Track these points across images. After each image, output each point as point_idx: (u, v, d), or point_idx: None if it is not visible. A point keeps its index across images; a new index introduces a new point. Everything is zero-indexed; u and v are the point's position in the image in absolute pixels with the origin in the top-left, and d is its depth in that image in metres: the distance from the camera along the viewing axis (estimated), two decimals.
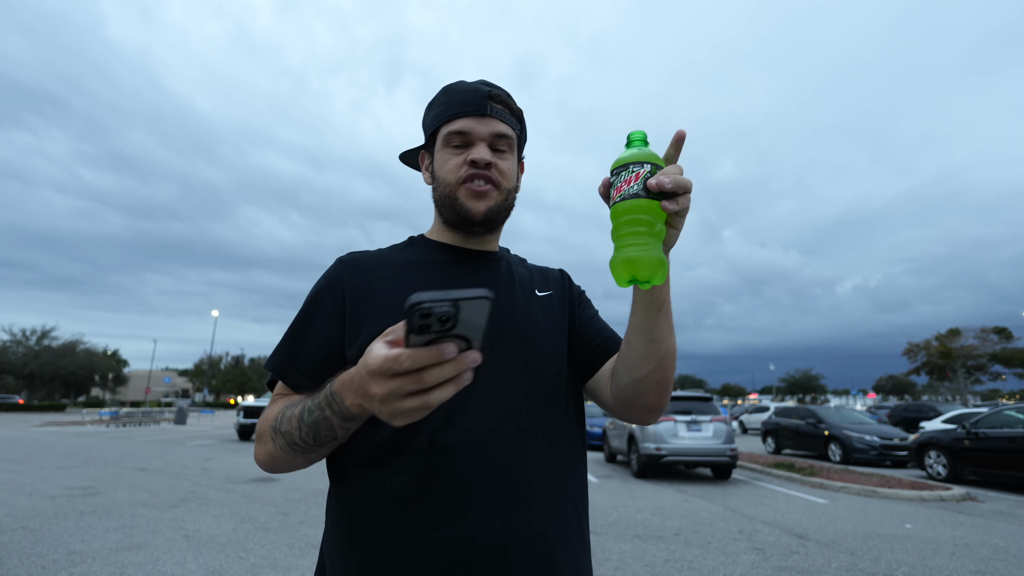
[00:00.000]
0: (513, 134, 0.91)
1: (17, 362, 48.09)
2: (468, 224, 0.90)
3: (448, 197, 0.89)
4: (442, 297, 0.49)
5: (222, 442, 16.01)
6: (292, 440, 0.73)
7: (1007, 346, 37.87)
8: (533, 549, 0.76)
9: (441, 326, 0.51)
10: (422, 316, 0.49)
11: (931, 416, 17.81)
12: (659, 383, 0.80)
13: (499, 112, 0.89)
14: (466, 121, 0.87)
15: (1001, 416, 9.33)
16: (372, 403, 0.57)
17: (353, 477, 0.80)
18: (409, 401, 0.54)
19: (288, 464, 0.78)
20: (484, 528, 0.74)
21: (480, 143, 0.87)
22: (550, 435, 0.84)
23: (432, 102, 0.94)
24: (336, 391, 0.66)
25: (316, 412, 0.70)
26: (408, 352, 0.51)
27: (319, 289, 0.89)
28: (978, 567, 4.52)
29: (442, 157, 0.89)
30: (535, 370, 0.85)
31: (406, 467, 0.76)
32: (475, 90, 0.89)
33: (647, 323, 0.76)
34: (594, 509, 6.68)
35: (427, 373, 0.52)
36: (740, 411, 32.33)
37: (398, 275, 0.89)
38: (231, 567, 4.23)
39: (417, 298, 0.48)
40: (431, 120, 0.93)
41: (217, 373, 64.47)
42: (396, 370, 0.52)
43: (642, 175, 0.62)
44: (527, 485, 0.78)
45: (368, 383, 0.56)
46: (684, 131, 0.69)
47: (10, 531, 5.13)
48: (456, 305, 0.50)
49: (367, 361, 0.55)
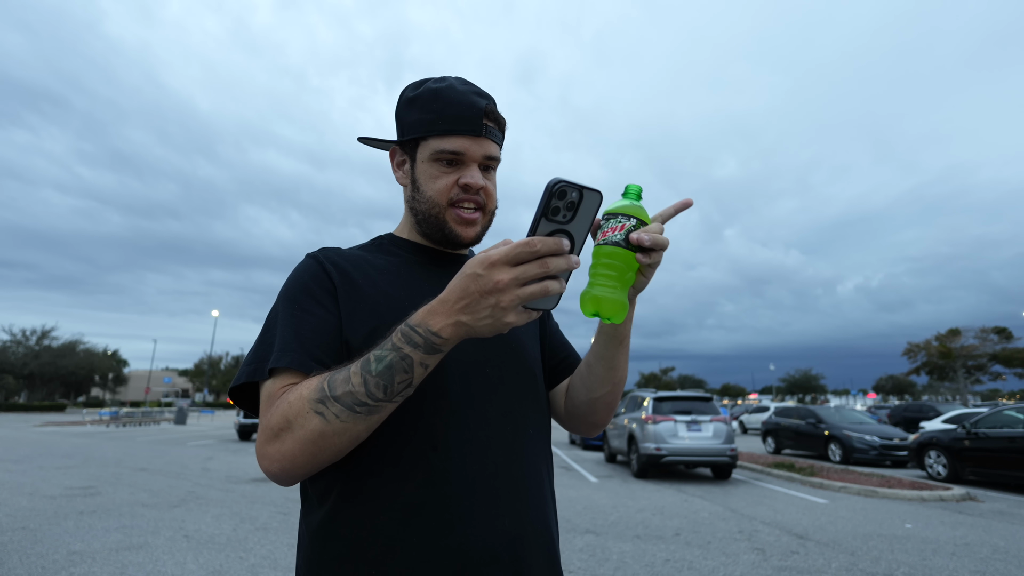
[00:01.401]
0: (499, 155, 0.89)
1: (17, 362, 48.10)
2: (453, 245, 0.90)
3: (435, 218, 0.87)
4: (574, 182, 0.58)
5: (222, 442, 16.02)
6: (356, 400, 0.65)
7: (1007, 346, 37.86)
8: (539, 544, 0.80)
9: (565, 214, 0.60)
10: (559, 196, 0.59)
11: (931, 416, 17.83)
12: (609, 404, 0.92)
13: (492, 132, 0.86)
14: (461, 141, 0.83)
15: (1001, 416, 9.33)
16: (484, 303, 0.61)
17: (350, 493, 0.76)
18: (531, 287, 0.60)
19: (344, 439, 0.67)
20: (494, 529, 0.75)
21: (472, 164, 0.85)
22: (538, 433, 0.88)
23: (417, 100, 0.87)
24: (418, 322, 0.64)
25: (389, 355, 0.65)
26: (539, 238, 0.59)
27: (304, 282, 0.82)
28: (978, 567, 4.52)
29: (429, 172, 0.86)
30: (523, 369, 0.89)
31: (410, 474, 0.74)
32: (471, 105, 0.84)
33: (608, 352, 0.85)
34: (594, 509, 6.68)
35: (550, 260, 0.59)
36: (740, 411, 32.32)
37: (379, 275, 0.86)
38: (231, 567, 4.23)
39: (558, 178, 0.58)
40: (416, 124, 0.86)
41: (217, 373, 64.48)
42: (525, 255, 0.59)
43: (627, 227, 0.70)
44: (526, 483, 0.81)
45: (491, 274, 0.60)
46: (691, 201, 0.77)
47: (10, 531, 5.13)
48: (581, 193, 0.59)
49: (489, 255, 0.60)
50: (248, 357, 0.80)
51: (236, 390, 0.81)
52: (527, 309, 0.63)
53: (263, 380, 0.76)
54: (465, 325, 0.63)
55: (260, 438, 0.72)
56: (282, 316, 0.80)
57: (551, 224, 0.61)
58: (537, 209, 0.60)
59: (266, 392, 0.75)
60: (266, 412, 0.72)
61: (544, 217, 0.60)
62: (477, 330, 0.63)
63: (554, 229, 0.61)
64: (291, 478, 0.71)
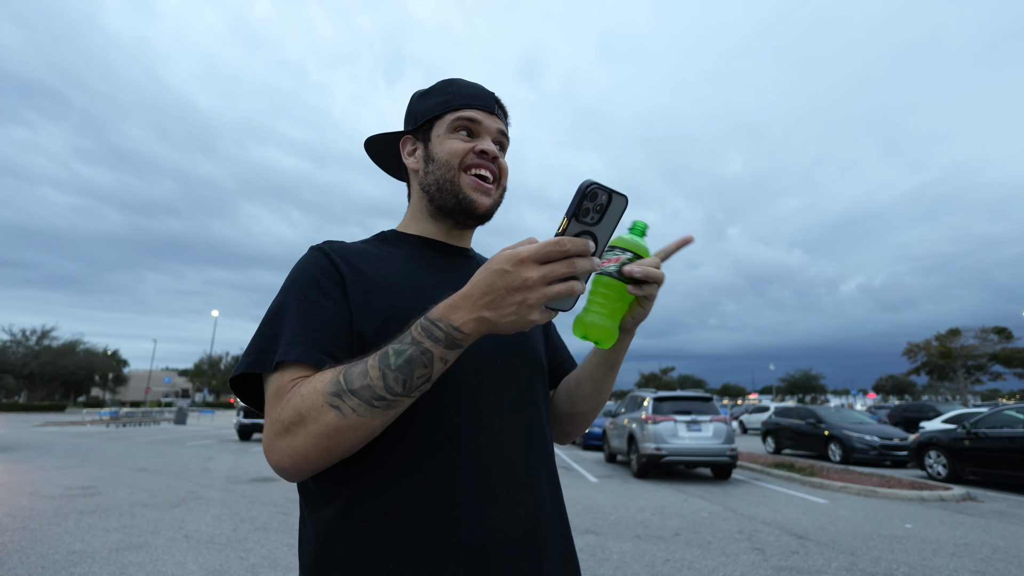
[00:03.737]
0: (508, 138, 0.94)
1: (17, 362, 48.11)
2: (466, 215, 0.89)
3: (449, 182, 0.87)
4: (605, 185, 0.60)
5: (222, 442, 16.02)
6: (375, 394, 0.63)
7: (1007, 346, 37.88)
8: (555, 531, 0.81)
9: (593, 216, 0.61)
10: (591, 199, 0.60)
11: (931, 416, 17.82)
12: (588, 420, 0.99)
13: (501, 116, 0.92)
14: (477, 112, 0.89)
15: (1001, 416, 9.33)
16: (510, 299, 0.61)
17: (365, 486, 0.74)
18: (557, 286, 0.60)
19: (359, 433, 0.66)
20: (512, 519, 0.75)
21: (487, 136, 0.89)
22: (544, 422, 0.89)
23: (430, 91, 0.93)
24: (439, 316, 0.63)
25: (409, 349, 0.64)
26: (568, 238, 0.60)
27: (311, 273, 0.80)
28: (978, 567, 4.52)
29: (446, 140, 0.88)
30: (533, 362, 0.90)
31: (426, 466, 0.74)
32: (482, 88, 0.91)
33: (599, 374, 0.90)
34: (594, 509, 6.68)
35: (576, 261, 0.60)
36: (740, 411, 32.33)
37: (387, 266, 0.85)
38: (231, 567, 4.23)
39: (591, 180, 0.59)
40: (433, 106, 0.91)
41: (217, 373, 64.46)
42: (554, 254, 0.60)
43: (622, 260, 0.73)
44: (538, 472, 0.82)
45: (519, 271, 0.60)
46: (692, 238, 0.78)
47: (10, 531, 5.13)
48: (610, 196, 0.60)
49: (518, 251, 0.60)
50: (249, 347, 0.77)
51: (236, 380, 0.78)
52: (548, 309, 0.64)
53: (267, 372, 0.73)
54: (488, 321, 0.62)
55: (269, 432, 0.68)
56: (289, 307, 0.76)
57: (579, 225, 0.62)
58: (568, 209, 0.61)
59: (274, 385, 0.71)
60: (275, 405, 0.69)
61: (574, 217, 0.61)
62: (500, 327, 0.63)
63: (581, 230, 0.62)
64: (301, 473, 0.69)
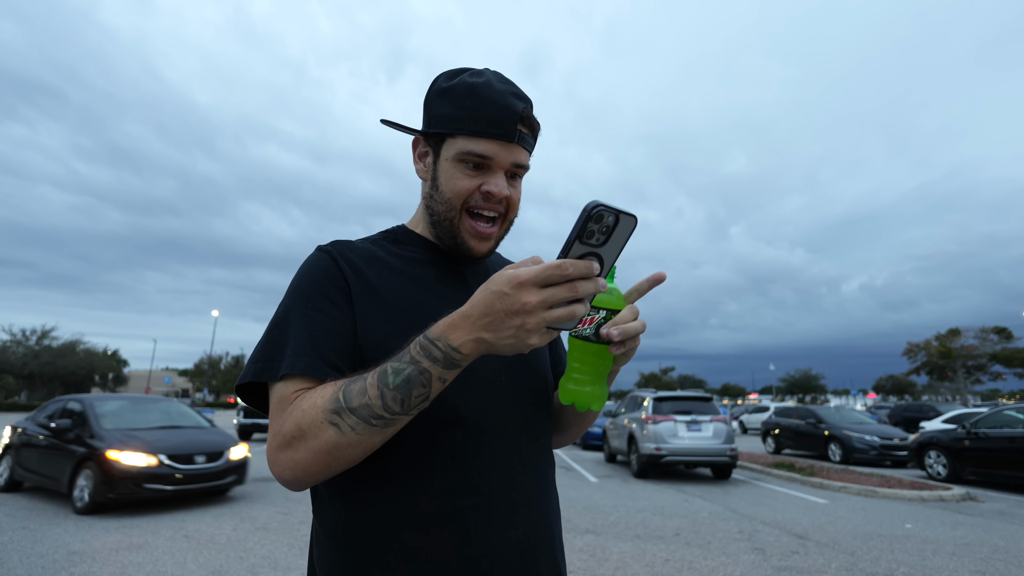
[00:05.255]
0: (529, 162, 0.85)
1: (17, 362, 48.09)
2: (463, 256, 0.87)
3: (450, 222, 0.83)
4: (612, 205, 0.56)
5: None
6: (373, 412, 0.64)
7: (1007, 346, 37.84)
8: (548, 552, 0.81)
9: (599, 237, 0.59)
10: (596, 220, 0.57)
11: (931, 416, 17.81)
12: (572, 439, 1.01)
13: (524, 138, 0.82)
14: (491, 145, 0.79)
15: (1001, 416, 9.33)
16: (509, 323, 0.59)
17: (366, 499, 0.75)
18: (558, 310, 0.59)
19: (358, 450, 0.66)
20: (508, 540, 0.76)
21: (499, 172, 0.81)
22: (546, 441, 0.88)
23: (450, 92, 0.82)
24: (438, 336, 0.63)
25: (407, 368, 0.63)
26: (571, 261, 0.58)
27: (317, 278, 0.79)
28: (978, 567, 4.52)
29: (452, 172, 0.81)
30: (538, 378, 0.89)
31: (428, 484, 0.74)
32: (507, 107, 0.79)
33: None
34: (594, 509, 6.68)
35: (579, 284, 0.58)
36: (740, 411, 32.32)
37: (393, 275, 0.83)
38: (231, 567, 4.23)
39: (597, 201, 0.56)
40: (446, 118, 0.81)
41: (217, 373, 64.52)
42: (555, 278, 0.57)
43: (596, 320, 0.70)
44: (538, 494, 0.82)
45: (518, 294, 0.58)
46: (664, 275, 0.73)
47: (10, 531, 5.13)
48: (617, 217, 0.57)
49: (518, 274, 0.58)
50: (256, 354, 0.77)
51: (242, 387, 0.79)
52: (549, 329, 0.62)
53: (273, 381, 0.74)
54: (486, 342, 0.62)
55: (272, 444, 0.70)
56: (295, 314, 0.76)
57: (584, 246, 0.59)
58: (572, 230, 0.58)
59: (277, 395, 0.72)
60: (277, 417, 0.70)
61: (578, 239, 0.58)
62: (498, 349, 0.62)
63: (586, 252, 0.59)
64: (303, 485, 0.71)
